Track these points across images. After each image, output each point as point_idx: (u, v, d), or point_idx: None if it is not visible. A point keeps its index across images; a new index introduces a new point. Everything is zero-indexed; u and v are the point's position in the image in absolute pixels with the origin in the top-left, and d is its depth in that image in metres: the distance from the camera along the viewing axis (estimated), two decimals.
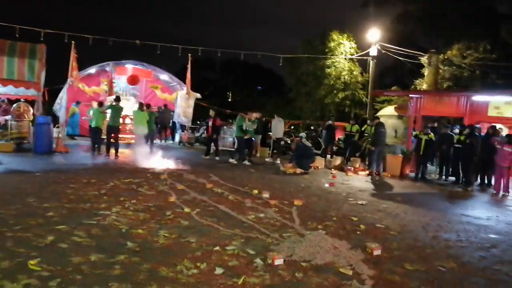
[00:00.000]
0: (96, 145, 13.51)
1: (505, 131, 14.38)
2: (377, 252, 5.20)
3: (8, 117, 13.94)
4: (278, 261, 4.57)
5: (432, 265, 5.00)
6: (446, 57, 22.96)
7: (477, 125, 13.25)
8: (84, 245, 4.75)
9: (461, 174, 13.03)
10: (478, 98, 14.59)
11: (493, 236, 6.76)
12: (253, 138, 15.21)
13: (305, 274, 4.34)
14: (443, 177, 13.78)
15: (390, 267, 4.79)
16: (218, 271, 4.25)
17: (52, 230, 5.19)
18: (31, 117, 14.09)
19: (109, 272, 4.03)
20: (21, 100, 14.93)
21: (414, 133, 14.97)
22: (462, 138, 12.81)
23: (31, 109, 14.09)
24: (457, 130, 14.18)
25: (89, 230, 5.28)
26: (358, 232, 6.24)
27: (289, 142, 18.96)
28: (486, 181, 12.82)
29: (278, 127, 16.24)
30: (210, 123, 15.13)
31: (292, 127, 25.22)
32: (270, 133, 16.98)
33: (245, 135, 14.34)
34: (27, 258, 4.21)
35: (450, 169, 13.75)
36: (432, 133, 13.80)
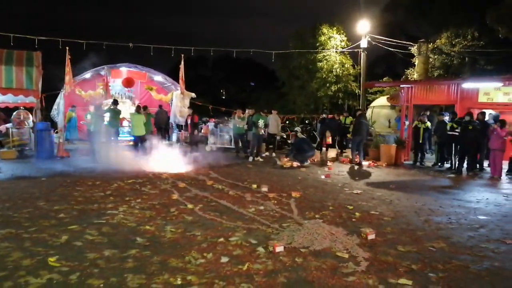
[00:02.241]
0: (95, 149, 13.76)
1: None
2: (371, 236, 5.54)
3: (9, 125, 14.22)
4: (279, 249, 4.91)
5: (423, 246, 5.34)
6: (435, 46, 23.29)
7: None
8: (97, 242, 5.08)
9: (453, 160, 13.40)
10: (468, 85, 14.93)
11: (482, 217, 7.11)
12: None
13: (304, 259, 4.67)
14: (439, 164, 14.10)
15: (384, 249, 5.13)
16: (224, 259, 4.59)
17: (65, 230, 5.52)
18: (31, 124, 14.36)
19: (123, 265, 4.36)
20: (20, 107, 15.20)
21: (407, 123, 15.38)
22: (454, 125, 13.14)
23: (31, 116, 14.37)
24: (447, 117, 14.51)
25: (100, 229, 5.60)
26: (353, 219, 6.58)
27: (284, 137, 19.28)
28: (478, 166, 13.15)
29: (272, 122, 16.60)
30: (189, 121, 15.85)
31: (287, 121, 25.52)
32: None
33: (258, 132, 14.77)
34: (46, 256, 4.55)
35: (446, 156, 14.10)
36: (428, 122, 14.23)
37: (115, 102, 14.54)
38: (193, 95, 19.82)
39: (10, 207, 6.74)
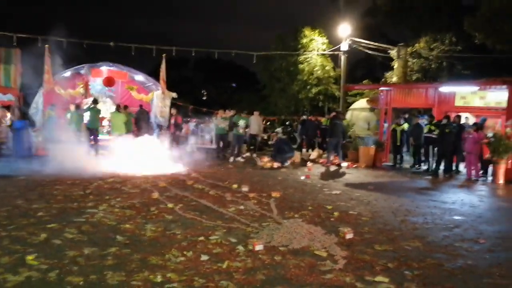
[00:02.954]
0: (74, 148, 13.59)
1: (471, 120, 15.09)
2: (349, 235, 5.64)
3: None
4: (258, 247, 4.97)
5: (399, 245, 5.46)
6: (414, 50, 23.69)
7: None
8: (76, 240, 5.07)
9: (430, 162, 13.68)
10: (445, 89, 15.25)
11: (457, 217, 7.29)
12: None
13: (283, 257, 4.75)
14: (416, 165, 14.36)
15: (361, 248, 5.23)
16: (204, 257, 4.63)
17: (44, 228, 5.48)
18: (9, 122, 14.16)
19: (103, 263, 4.37)
20: None
21: (386, 126, 15.66)
22: (432, 128, 13.41)
23: (8, 114, 14.16)
24: (424, 120, 14.80)
25: (80, 227, 5.58)
26: (332, 219, 6.69)
27: (265, 138, 19.39)
28: (454, 168, 13.43)
29: (253, 123, 16.71)
30: (173, 121, 15.94)
31: (268, 123, 25.61)
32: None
33: (239, 132, 14.96)
34: (24, 254, 4.52)
35: (423, 158, 14.39)
36: (405, 124, 14.49)
37: (95, 101, 14.44)
38: (174, 95, 19.72)
39: None
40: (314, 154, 15.73)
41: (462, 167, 13.39)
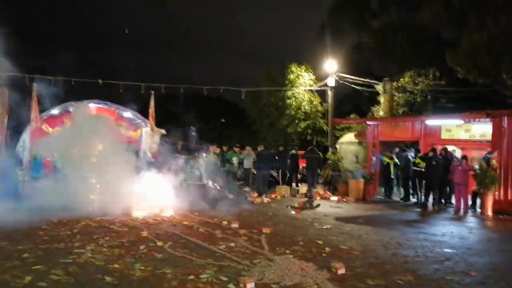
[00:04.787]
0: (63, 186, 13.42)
1: (458, 152, 15.25)
2: (341, 271, 5.61)
3: None
4: (250, 285, 4.91)
5: (391, 279, 5.44)
6: (399, 84, 24.10)
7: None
8: (62, 283, 4.95)
9: (419, 194, 13.73)
10: (430, 122, 15.48)
11: (447, 250, 7.30)
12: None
13: None
14: (405, 198, 14.42)
15: (354, 283, 5.20)
16: None
17: (30, 270, 5.34)
18: None
19: None
20: None
21: (374, 159, 15.83)
22: (416, 161, 13.56)
23: None
24: (412, 154, 14.90)
25: (66, 268, 5.46)
26: (323, 254, 6.65)
27: (255, 173, 19.34)
28: (443, 200, 13.49)
29: (246, 158, 16.78)
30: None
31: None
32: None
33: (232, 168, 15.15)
34: None
35: (411, 190, 14.46)
36: (395, 157, 14.63)
37: None
38: (163, 131, 19.75)
39: None
40: (303, 188, 15.70)
41: (450, 199, 13.46)
